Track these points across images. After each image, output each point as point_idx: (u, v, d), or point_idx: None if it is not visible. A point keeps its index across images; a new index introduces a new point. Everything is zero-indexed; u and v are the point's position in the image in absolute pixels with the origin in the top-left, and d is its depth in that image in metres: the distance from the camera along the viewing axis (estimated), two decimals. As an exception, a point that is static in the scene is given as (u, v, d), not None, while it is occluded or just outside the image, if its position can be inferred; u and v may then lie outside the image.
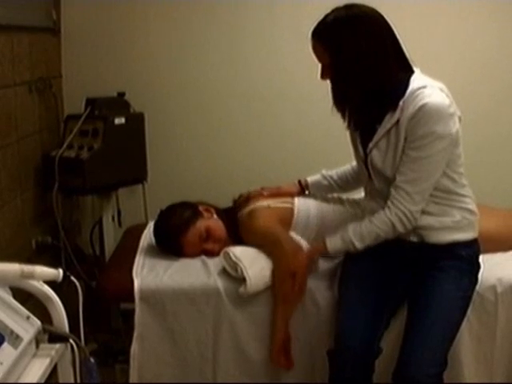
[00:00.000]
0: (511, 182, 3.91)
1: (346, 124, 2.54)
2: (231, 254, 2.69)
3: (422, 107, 2.29)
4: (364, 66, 2.33)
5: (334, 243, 2.56)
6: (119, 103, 3.60)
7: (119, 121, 3.44)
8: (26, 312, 1.81)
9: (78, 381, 1.91)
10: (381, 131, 2.42)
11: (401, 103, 2.35)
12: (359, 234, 2.48)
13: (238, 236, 2.93)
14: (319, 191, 3.00)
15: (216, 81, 3.89)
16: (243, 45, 3.86)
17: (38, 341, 1.82)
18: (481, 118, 3.81)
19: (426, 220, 2.45)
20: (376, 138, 2.44)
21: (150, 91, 3.85)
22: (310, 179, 3.00)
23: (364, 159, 2.53)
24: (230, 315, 2.68)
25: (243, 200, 3.01)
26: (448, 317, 2.43)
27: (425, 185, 2.37)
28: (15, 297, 1.87)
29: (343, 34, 2.34)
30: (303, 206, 2.91)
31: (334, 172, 2.97)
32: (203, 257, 2.90)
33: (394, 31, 2.39)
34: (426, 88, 2.34)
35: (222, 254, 2.75)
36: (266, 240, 2.76)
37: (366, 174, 2.55)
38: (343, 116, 2.51)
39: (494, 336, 2.67)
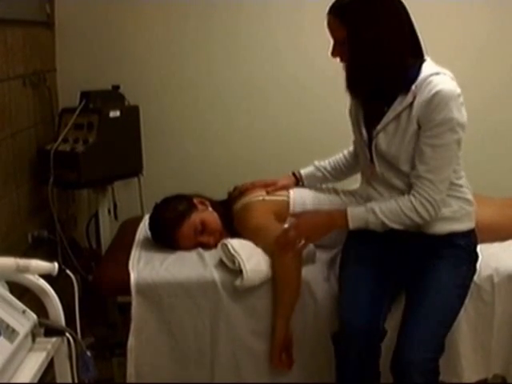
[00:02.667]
0: (507, 171, 3.92)
1: (350, 105, 2.53)
2: (229, 246, 2.69)
3: (437, 93, 2.29)
4: (381, 48, 2.31)
5: (356, 210, 2.47)
6: (114, 96, 3.59)
7: (114, 114, 3.43)
8: (21, 306, 1.81)
9: (75, 374, 1.91)
10: (391, 114, 2.41)
11: (413, 87, 2.35)
12: (382, 208, 2.43)
13: (233, 228, 2.94)
14: (313, 183, 3.00)
15: (211, 73, 3.88)
16: (238, 38, 3.85)
17: (34, 335, 1.81)
18: (477, 108, 3.80)
19: None
20: (385, 120, 2.42)
21: (144, 84, 3.84)
22: (304, 171, 3.00)
23: (368, 142, 2.52)
24: (226, 307, 2.68)
25: (238, 193, 3.01)
26: (445, 303, 2.44)
27: (446, 173, 2.38)
28: (12, 291, 1.87)
29: (363, 13, 2.31)
30: (299, 198, 2.90)
31: (327, 162, 2.97)
32: (199, 249, 2.89)
33: (411, 15, 2.38)
34: (439, 75, 2.35)
35: (219, 245, 2.75)
36: (260, 235, 2.75)
37: (368, 157, 2.53)
38: (354, 96, 2.50)
39: (491, 326, 2.67)
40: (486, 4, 3.76)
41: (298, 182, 3.00)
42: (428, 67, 2.38)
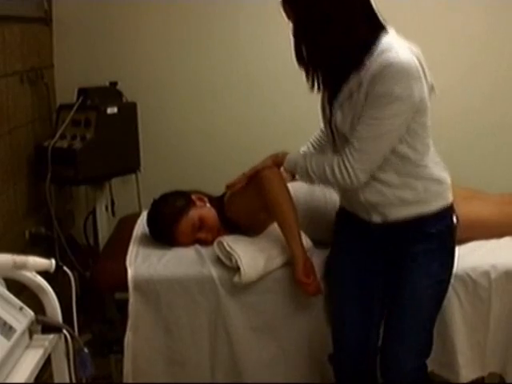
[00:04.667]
0: (504, 166, 3.91)
1: (309, 85, 2.42)
2: (225, 244, 2.69)
3: (386, 66, 2.17)
4: (327, 26, 2.23)
5: (296, 153, 2.60)
6: (111, 93, 3.59)
7: (112, 110, 3.43)
8: (18, 303, 1.81)
9: (72, 371, 1.91)
10: (346, 91, 2.31)
11: (367, 62, 2.23)
12: (314, 157, 2.46)
13: (230, 224, 2.93)
14: None
15: (209, 70, 3.88)
16: (237, 34, 3.85)
17: (31, 332, 1.81)
18: (476, 103, 3.82)
19: (386, 192, 2.36)
20: (341, 97, 2.33)
21: (142, 80, 3.84)
22: None
23: (329, 120, 2.43)
24: (224, 304, 2.68)
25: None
26: (419, 308, 2.41)
27: (375, 146, 2.27)
28: (9, 288, 1.87)
29: None
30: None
31: (310, 145, 2.87)
32: (197, 246, 2.89)
33: None
34: (394, 47, 2.22)
35: (215, 243, 2.75)
36: (244, 191, 2.77)
37: (331, 135, 2.45)
38: (307, 75, 2.39)
39: (487, 322, 2.68)
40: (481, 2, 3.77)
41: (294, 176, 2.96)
42: (386, 40, 2.26)
